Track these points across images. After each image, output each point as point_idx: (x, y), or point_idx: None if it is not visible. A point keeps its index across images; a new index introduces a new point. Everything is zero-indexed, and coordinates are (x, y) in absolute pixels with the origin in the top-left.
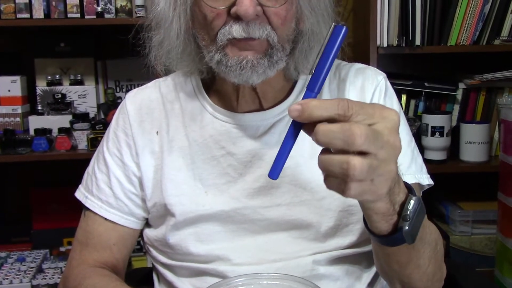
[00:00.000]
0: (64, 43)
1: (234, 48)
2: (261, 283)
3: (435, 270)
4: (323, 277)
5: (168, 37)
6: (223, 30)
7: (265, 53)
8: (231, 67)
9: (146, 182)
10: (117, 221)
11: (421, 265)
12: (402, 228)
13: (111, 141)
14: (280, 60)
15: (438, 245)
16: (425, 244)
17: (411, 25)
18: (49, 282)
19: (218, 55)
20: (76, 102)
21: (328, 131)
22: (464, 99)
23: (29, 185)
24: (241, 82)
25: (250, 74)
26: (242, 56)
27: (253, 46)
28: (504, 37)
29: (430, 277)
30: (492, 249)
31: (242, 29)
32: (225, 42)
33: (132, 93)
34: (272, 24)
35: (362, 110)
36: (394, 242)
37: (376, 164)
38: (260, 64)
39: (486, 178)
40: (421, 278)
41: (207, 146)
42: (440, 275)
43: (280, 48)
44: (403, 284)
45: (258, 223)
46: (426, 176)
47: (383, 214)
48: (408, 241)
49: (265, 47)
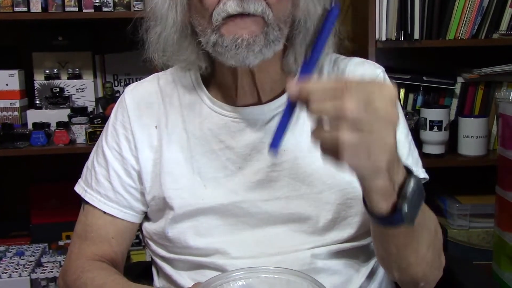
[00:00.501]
0: (62, 37)
1: (230, 26)
2: (259, 277)
3: (434, 257)
4: (322, 271)
5: (165, 29)
6: (217, 8)
7: (261, 31)
8: (226, 46)
9: (145, 176)
10: (116, 214)
11: (420, 250)
12: (401, 208)
13: (110, 135)
14: (276, 40)
15: (438, 233)
16: (424, 230)
17: (409, 19)
18: (48, 276)
19: (214, 36)
20: (74, 96)
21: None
22: (463, 93)
23: (27, 179)
24: (238, 63)
25: (246, 53)
26: (237, 35)
27: (248, 23)
28: (502, 31)
29: (429, 263)
30: (489, 243)
31: (236, 4)
32: (220, 21)
33: (131, 87)
34: (267, 1)
35: (360, 86)
36: (393, 222)
37: (369, 138)
38: (256, 42)
39: (484, 172)
40: (419, 263)
41: (205, 139)
42: (439, 263)
43: (276, 27)
44: (401, 270)
45: (257, 217)
46: (422, 170)
47: (383, 193)
48: (407, 221)
49: (260, 24)
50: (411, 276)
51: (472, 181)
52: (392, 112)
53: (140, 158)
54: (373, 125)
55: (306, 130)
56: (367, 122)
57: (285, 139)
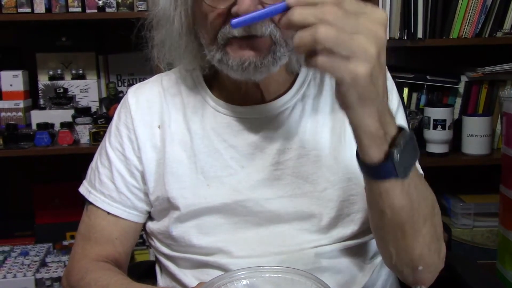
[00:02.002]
0: (66, 38)
1: (235, 47)
2: (263, 276)
3: (431, 236)
4: (326, 270)
5: (170, 36)
6: (223, 29)
7: (268, 51)
8: (232, 66)
9: (148, 176)
10: (119, 215)
11: (416, 219)
12: (393, 156)
13: (113, 135)
14: (283, 56)
15: (435, 209)
16: (420, 197)
17: (413, 18)
18: (53, 276)
19: (219, 54)
20: (78, 97)
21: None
22: (466, 92)
23: (31, 179)
24: (244, 79)
25: (253, 73)
26: (244, 57)
27: (255, 45)
28: (506, 30)
29: (426, 242)
30: (493, 242)
31: (243, 28)
32: (226, 40)
33: (134, 88)
34: (275, 21)
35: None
36: (385, 171)
37: (346, 37)
38: (264, 64)
39: (488, 171)
40: (417, 238)
41: (209, 139)
42: (437, 246)
43: (283, 43)
44: (397, 245)
45: (260, 215)
46: (418, 166)
47: (372, 135)
48: (399, 172)
49: (268, 44)
50: (408, 254)
51: (476, 180)
52: (378, 28)
53: (143, 159)
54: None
55: (309, 129)
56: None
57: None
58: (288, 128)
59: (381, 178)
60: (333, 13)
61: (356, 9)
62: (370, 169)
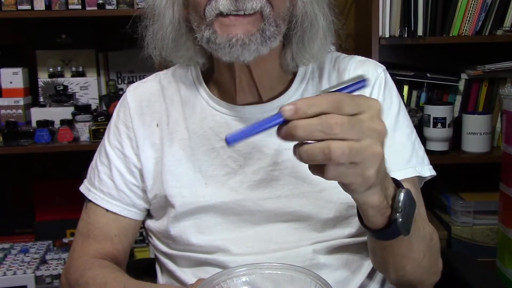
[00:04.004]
0: (66, 35)
1: (222, 24)
2: (262, 273)
3: (430, 263)
4: (324, 267)
5: (162, 26)
6: (210, 4)
7: (257, 28)
8: (219, 44)
9: (147, 174)
10: (118, 212)
11: (416, 258)
12: (396, 220)
13: (112, 133)
14: (273, 36)
15: (433, 240)
16: (419, 238)
17: (413, 16)
18: (53, 273)
19: (207, 32)
20: (78, 94)
21: (308, 125)
22: (466, 90)
23: (31, 177)
24: (233, 59)
25: (241, 51)
26: (231, 34)
27: (244, 22)
28: (506, 28)
29: (426, 270)
30: (493, 240)
31: (229, 2)
32: (213, 17)
33: (133, 86)
34: None
35: (351, 100)
36: (390, 234)
37: (357, 147)
38: (252, 41)
39: (488, 169)
40: (416, 270)
41: (207, 138)
42: (436, 268)
43: (273, 22)
44: (398, 277)
45: (258, 215)
46: (428, 167)
47: (378, 208)
48: (403, 232)
49: (257, 21)
50: (408, 282)
51: (476, 178)
52: (378, 124)
53: (141, 157)
54: (359, 137)
55: None
56: (354, 132)
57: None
58: None
59: (386, 239)
60: (339, 125)
61: (355, 109)
62: (375, 232)
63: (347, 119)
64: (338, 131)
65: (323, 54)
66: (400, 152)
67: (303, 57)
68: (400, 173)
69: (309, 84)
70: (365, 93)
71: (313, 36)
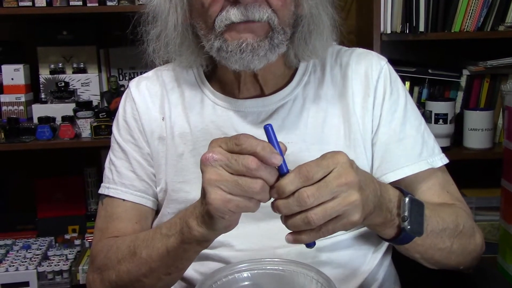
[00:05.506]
0: (67, 31)
1: (233, 32)
2: (264, 269)
3: (462, 247)
4: (326, 264)
5: (165, 29)
6: (220, 16)
7: (266, 36)
8: (231, 51)
9: (156, 168)
10: (138, 201)
11: (443, 248)
12: (405, 229)
13: (122, 128)
14: (281, 43)
15: (460, 225)
16: (439, 231)
17: (414, 12)
18: (55, 269)
19: (218, 42)
20: (79, 90)
21: (286, 204)
22: (468, 85)
23: (33, 173)
24: (242, 67)
25: (251, 58)
26: (242, 40)
27: (253, 29)
28: (508, 23)
29: (459, 252)
30: (495, 236)
31: (240, 12)
32: (223, 28)
33: (135, 81)
34: (273, 6)
35: (318, 167)
36: (404, 241)
37: (331, 206)
38: (261, 46)
39: (489, 165)
40: (448, 256)
41: (208, 132)
42: (472, 246)
43: (281, 31)
44: (432, 264)
45: (261, 210)
46: (439, 156)
47: (384, 224)
48: (416, 235)
49: (265, 29)
50: (446, 266)
51: (477, 174)
52: (347, 177)
53: (152, 150)
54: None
55: (310, 122)
56: (326, 195)
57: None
58: (288, 121)
59: (403, 244)
60: (311, 196)
61: (323, 172)
62: (390, 241)
63: (316, 188)
64: (311, 201)
65: (326, 50)
66: (411, 145)
67: (306, 54)
68: (413, 167)
69: (311, 77)
70: (369, 88)
71: (318, 35)
